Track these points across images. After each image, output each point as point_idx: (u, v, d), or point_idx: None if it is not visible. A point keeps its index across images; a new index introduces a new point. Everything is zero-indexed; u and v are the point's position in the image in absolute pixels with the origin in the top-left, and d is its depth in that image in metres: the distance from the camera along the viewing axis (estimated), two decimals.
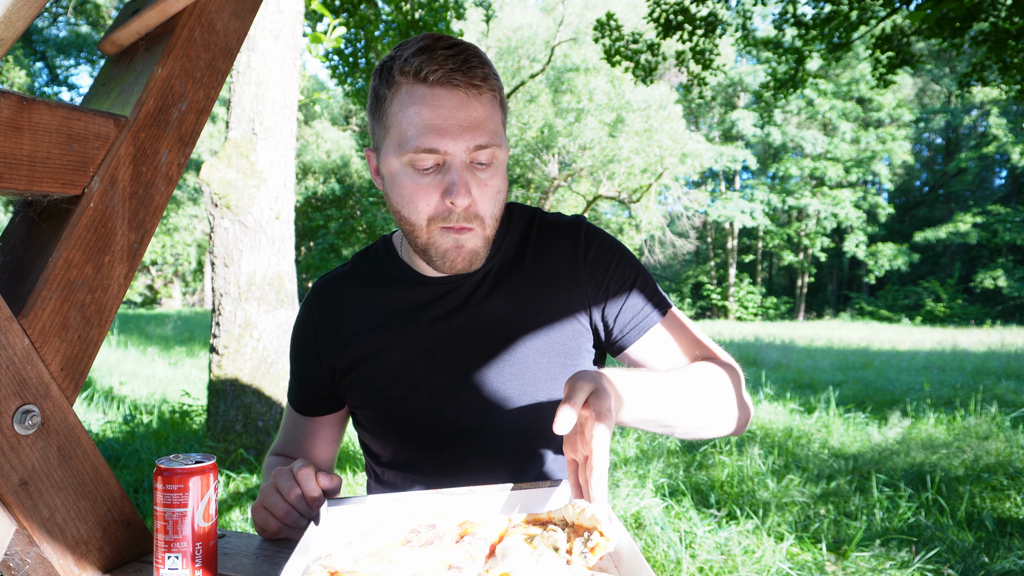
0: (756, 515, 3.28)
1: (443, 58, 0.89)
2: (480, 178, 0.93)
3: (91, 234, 0.82)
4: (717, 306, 36.93)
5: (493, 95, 0.94)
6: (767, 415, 5.91)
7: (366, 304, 1.10)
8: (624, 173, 27.73)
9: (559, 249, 1.08)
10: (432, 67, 0.89)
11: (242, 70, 4.12)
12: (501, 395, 1.04)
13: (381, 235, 1.22)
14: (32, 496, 0.77)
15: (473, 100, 0.91)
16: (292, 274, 4.22)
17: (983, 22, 6.88)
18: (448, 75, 0.89)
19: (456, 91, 0.90)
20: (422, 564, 0.70)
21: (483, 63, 0.92)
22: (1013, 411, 5.75)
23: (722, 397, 1.01)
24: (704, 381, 1.00)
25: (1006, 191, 36.65)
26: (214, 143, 25.66)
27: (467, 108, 0.90)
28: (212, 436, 4.06)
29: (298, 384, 1.17)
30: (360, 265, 1.15)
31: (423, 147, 0.89)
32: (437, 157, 0.91)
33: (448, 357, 1.05)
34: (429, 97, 0.90)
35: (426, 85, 0.90)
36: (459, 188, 0.90)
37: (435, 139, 0.89)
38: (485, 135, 0.91)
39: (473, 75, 0.90)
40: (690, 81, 9.07)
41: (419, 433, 1.07)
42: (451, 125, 0.89)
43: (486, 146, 0.91)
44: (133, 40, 0.94)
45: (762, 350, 12.62)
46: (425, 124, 0.89)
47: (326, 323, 1.12)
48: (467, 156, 0.91)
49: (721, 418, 1.01)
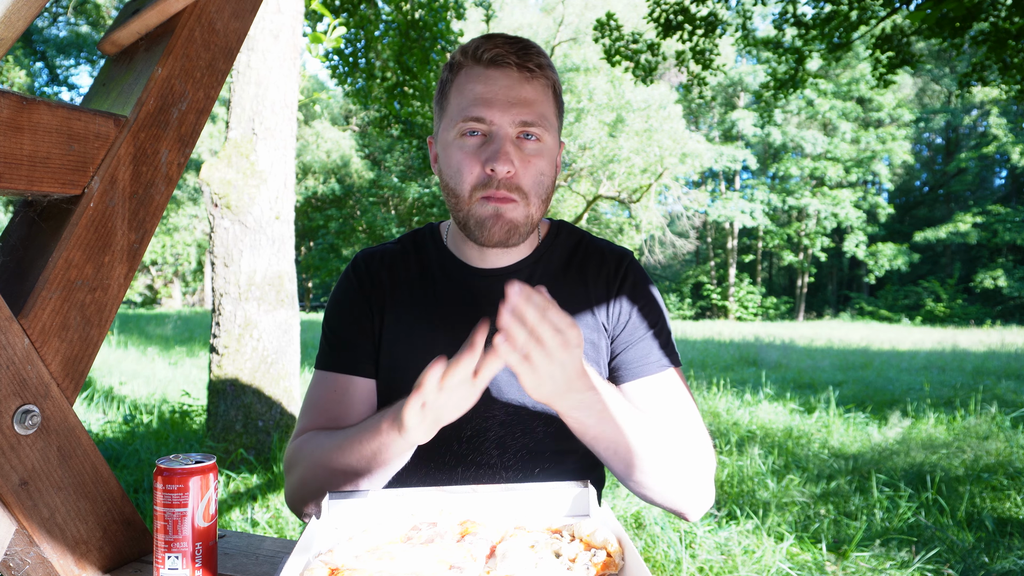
0: (756, 515, 3.28)
1: (501, 42, 0.98)
2: (525, 153, 0.98)
3: (91, 234, 0.82)
4: (717, 306, 36.94)
5: (547, 84, 1.00)
6: (767, 415, 5.90)
7: (406, 285, 1.12)
8: (624, 173, 27.73)
9: (601, 272, 1.12)
10: (489, 48, 0.97)
11: (242, 70, 4.12)
12: (523, 399, 1.07)
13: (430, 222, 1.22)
14: (32, 496, 0.77)
15: (524, 82, 0.97)
16: (292, 274, 4.22)
17: (983, 22, 6.88)
18: (503, 56, 0.96)
19: (508, 71, 0.97)
20: (423, 563, 0.70)
21: (540, 54, 1.00)
22: (1013, 411, 5.75)
23: (692, 470, 0.99)
24: (680, 444, 0.99)
25: (1006, 191, 36.66)
26: (214, 143, 25.67)
27: (517, 88, 0.97)
28: (212, 436, 4.06)
29: (340, 342, 1.11)
30: (407, 245, 1.17)
31: (471, 115, 0.96)
32: (484, 127, 0.97)
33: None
34: (483, 76, 0.97)
35: (482, 65, 0.98)
36: (500, 155, 0.94)
37: (483, 109, 0.95)
38: (532, 114, 0.96)
39: (527, 59, 0.97)
40: (690, 81, 9.06)
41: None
42: (500, 99, 0.96)
43: (532, 124, 0.97)
44: (133, 40, 0.94)
45: (762, 350, 12.62)
46: (476, 97, 0.96)
47: (376, 285, 1.13)
48: (513, 130, 0.97)
49: (683, 488, 0.99)
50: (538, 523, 0.82)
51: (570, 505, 0.86)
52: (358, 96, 7.60)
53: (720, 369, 9.81)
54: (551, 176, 1.02)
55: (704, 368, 9.85)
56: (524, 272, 1.11)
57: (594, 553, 0.72)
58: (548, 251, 1.13)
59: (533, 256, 1.12)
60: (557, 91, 1.03)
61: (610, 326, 1.10)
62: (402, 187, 28.85)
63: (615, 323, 1.10)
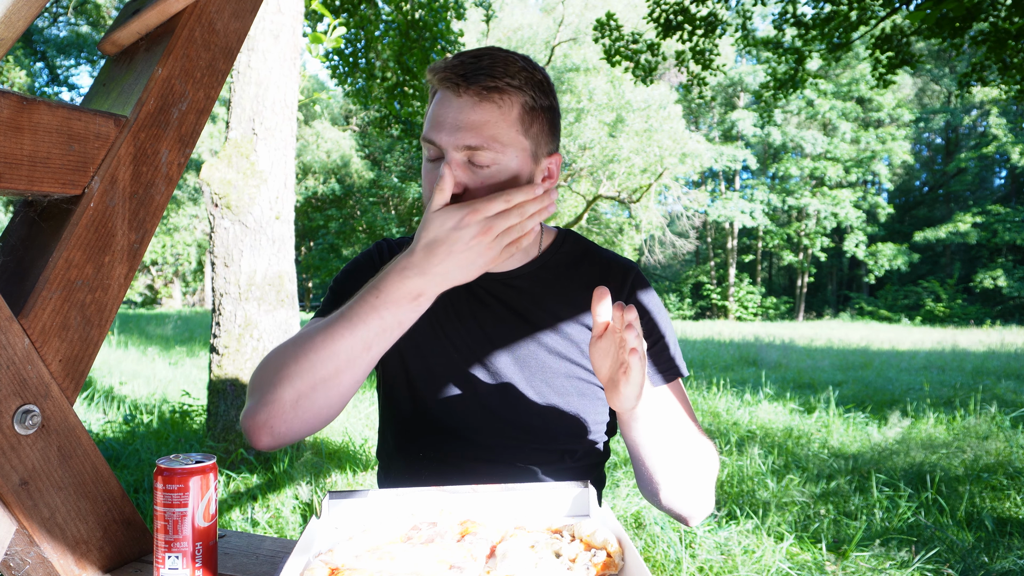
0: (756, 515, 3.28)
1: (457, 64, 0.97)
2: (478, 177, 0.98)
3: (91, 234, 0.82)
4: (717, 306, 36.94)
5: (500, 104, 0.97)
6: (767, 415, 5.90)
7: None
8: (624, 173, 27.73)
9: (607, 282, 1.12)
10: (442, 71, 0.98)
11: (242, 70, 4.12)
12: (524, 393, 1.09)
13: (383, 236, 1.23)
14: (32, 496, 0.77)
15: (474, 105, 0.97)
16: (292, 274, 4.22)
17: (983, 22, 6.88)
18: (452, 79, 0.97)
19: (457, 92, 0.97)
20: (423, 562, 0.70)
21: (502, 75, 0.96)
22: (1013, 411, 5.75)
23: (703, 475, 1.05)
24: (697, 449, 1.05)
25: (1006, 191, 36.66)
26: (214, 143, 25.67)
27: (467, 110, 0.97)
28: (212, 436, 4.06)
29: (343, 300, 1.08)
30: None
31: (426, 138, 1.00)
32: (436, 149, 0.99)
33: (479, 351, 1.10)
34: (440, 98, 1.00)
35: (443, 88, 1.00)
36: (441, 179, 0.93)
37: (434, 132, 0.98)
38: (478, 138, 0.96)
39: (475, 82, 0.96)
40: (690, 81, 9.06)
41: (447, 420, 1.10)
42: (447, 123, 0.97)
43: (478, 147, 0.96)
44: (133, 40, 0.94)
45: (762, 350, 12.62)
46: (431, 119, 1.00)
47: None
48: (459, 155, 0.97)
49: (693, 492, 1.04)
50: (538, 523, 0.82)
51: (570, 505, 0.86)
52: (358, 96, 7.59)
53: (720, 369, 9.81)
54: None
55: (704, 368, 9.86)
56: (527, 277, 1.12)
57: (594, 553, 0.72)
58: (552, 258, 1.15)
59: (537, 262, 1.14)
60: (529, 107, 0.99)
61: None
62: (402, 187, 28.85)
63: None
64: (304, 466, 4.00)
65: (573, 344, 1.10)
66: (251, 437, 0.94)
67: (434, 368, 1.10)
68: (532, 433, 1.09)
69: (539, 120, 1.02)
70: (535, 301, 1.12)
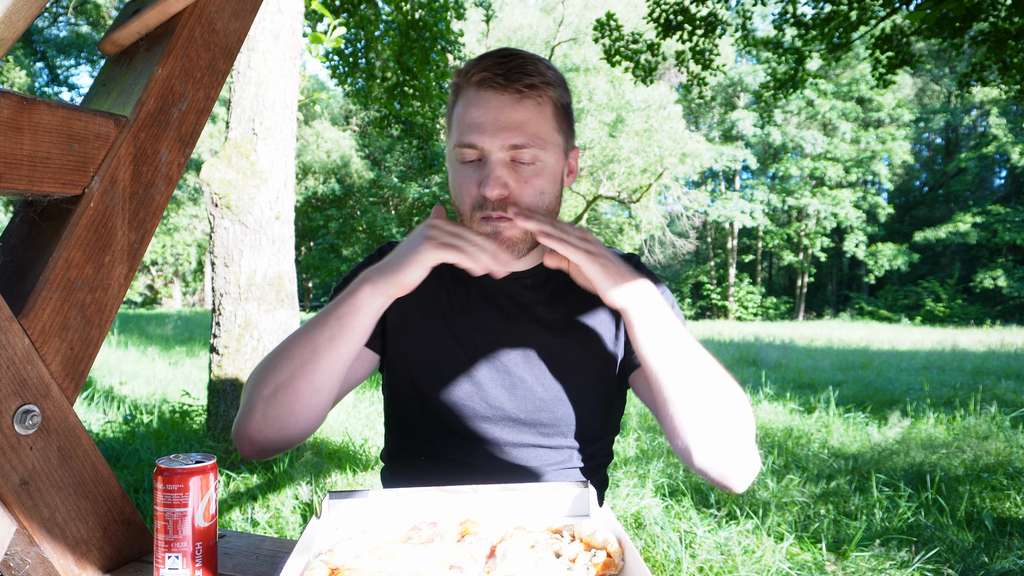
0: (756, 515, 3.28)
1: (492, 64, 0.99)
2: (521, 175, 1.00)
3: (91, 234, 0.82)
4: (717, 306, 36.94)
5: (542, 101, 1.01)
6: (767, 415, 5.90)
7: (427, 284, 1.12)
8: (624, 173, 27.73)
9: None
10: (477, 71, 0.99)
11: (242, 70, 4.12)
12: (534, 390, 1.09)
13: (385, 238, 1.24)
14: (32, 496, 0.77)
15: (515, 103, 0.98)
16: (292, 274, 4.22)
17: (983, 22, 6.88)
18: (491, 79, 0.98)
19: (496, 94, 0.98)
20: (423, 562, 0.70)
21: (535, 72, 0.99)
22: (1013, 411, 5.75)
23: (739, 422, 0.95)
24: (729, 386, 0.96)
25: (1006, 191, 36.66)
26: (214, 143, 25.66)
27: (508, 110, 0.98)
28: (212, 436, 4.06)
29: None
30: None
31: (465, 142, 0.99)
32: (477, 152, 0.99)
33: (490, 348, 1.10)
34: (476, 99, 0.99)
35: (474, 87, 1.00)
36: (490, 182, 0.97)
37: (475, 135, 0.98)
38: (522, 136, 0.97)
39: (517, 80, 0.98)
40: (690, 81, 9.06)
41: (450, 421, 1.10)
42: (489, 124, 0.97)
43: (523, 146, 0.98)
44: (133, 40, 0.94)
45: (762, 350, 12.61)
46: (470, 122, 0.99)
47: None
48: (504, 154, 0.98)
49: (732, 440, 0.93)
50: (538, 523, 0.82)
51: (570, 505, 0.86)
52: (358, 96, 7.59)
53: None
54: (553, 192, 1.04)
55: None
56: (541, 276, 1.14)
57: (594, 553, 0.72)
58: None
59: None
60: (559, 104, 1.03)
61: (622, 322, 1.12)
62: (402, 187, 28.85)
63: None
64: (304, 466, 4.00)
65: (580, 344, 1.10)
66: (237, 446, 0.99)
67: (439, 367, 1.10)
68: (538, 433, 1.09)
69: (567, 116, 1.06)
70: (543, 301, 1.12)
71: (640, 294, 0.94)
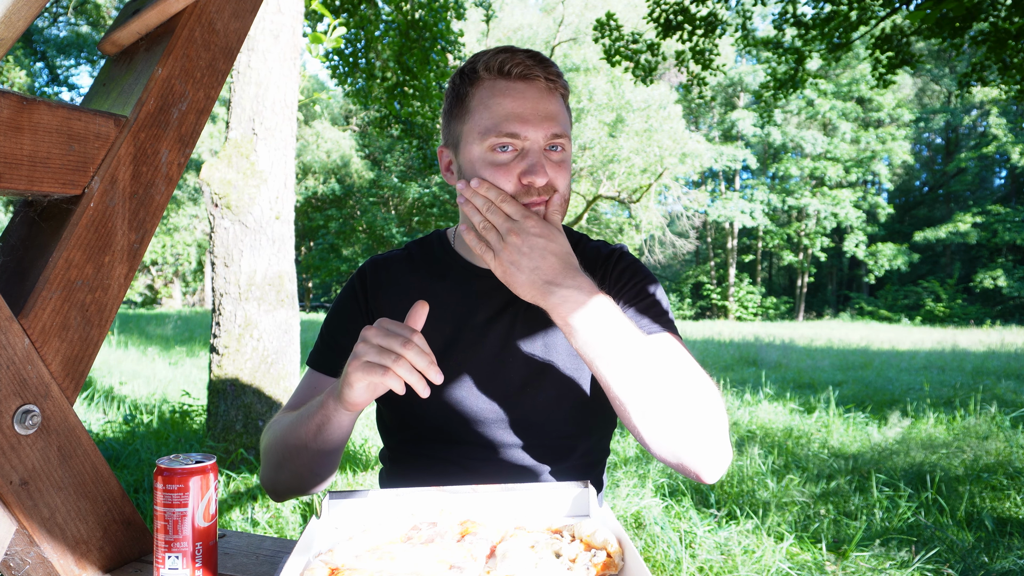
0: (756, 515, 3.28)
1: (524, 56, 1.01)
2: (554, 162, 1.02)
3: (91, 234, 0.82)
4: (717, 306, 36.94)
5: (562, 93, 1.06)
6: (767, 415, 5.90)
7: (416, 291, 1.14)
8: (624, 173, 27.73)
9: (596, 267, 1.14)
10: (515, 63, 1.00)
11: (242, 70, 4.12)
12: (531, 392, 1.09)
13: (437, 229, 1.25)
14: (32, 496, 0.77)
15: (549, 94, 1.02)
16: (292, 274, 4.22)
17: (983, 22, 6.88)
18: (529, 69, 1.00)
19: (536, 84, 1.01)
20: (423, 562, 0.70)
21: (555, 64, 1.05)
22: (1013, 411, 5.75)
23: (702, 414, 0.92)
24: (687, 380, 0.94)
25: (1006, 191, 36.66)
26: (214, 143, 25.66)
27: (545, 101, 1.01)
28: (212, 436, 4.06)
29: (332, 346, 1.16)
30: (415, 252, 1.20)
31: (505, 131, 0.98)
32: (518, 142, 0.99)
33: (488, 354, 1.10)
34: (511, 90, 1.00)
35: (509, 79, 1.01)
36: (538, 169, 0.98)
37: (518, 126, 0.98)
38: (559, 126, 1.01)
39: (550, 72, 1.02)
40: (690, 81, 9.06)
41: (446, 422, 1.10)
42: (532, 114, 0.99)
43: (560, 135, 1.01)
44: (133, 40, 0.94)
45: (762, 350, 12.61)
46: (508, 113, 0.99)
47: (377, 295, 1.15)
48: (544, 143, 1.00)
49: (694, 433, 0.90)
50: (538, 523, 0.82)
51: (570, 505, 0.86)
52: (358, 96, 7.59)
53: (720, 369, 9.81)
54: (570, 179, 1.07)
55: (704, 368, 9.84)
56: None
57: (594, 553, 0.72)
58: None
59: None
60: (567, 97, 1.09)
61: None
62: (402, 187, 28.85)
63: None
64: None
65: (567, 342, 1.10)
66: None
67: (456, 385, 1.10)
68: (532, 434, 1.09)
69: (571, 112, 1.11)
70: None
71: (557, 292, 0.90)
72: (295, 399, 1.16)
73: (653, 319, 1.05)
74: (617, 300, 1.08)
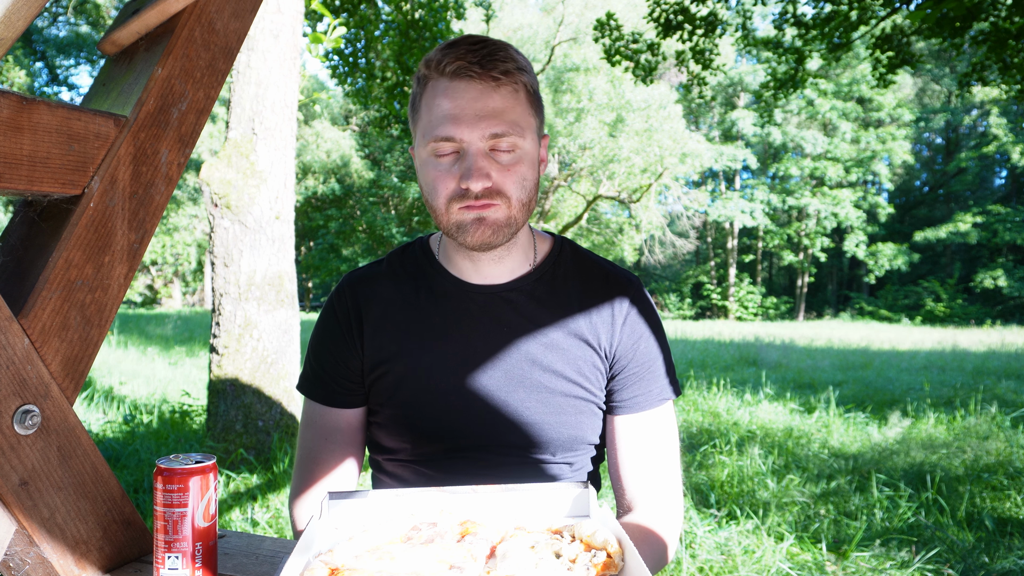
0: (756, 515, 3.28)
1: (463, 52, 0.94)
2: (502, 163, 0.96)
3: (91, 234, 0.82)
4: (717, 306, 36.93)
5: (515, 88, 0.97)
6: (767, 415, 5.90)
7: (399, 304, 1.10)
8: (624, 173, 27.72)
9: (606, 296, 1.10)
10: (450, 60, 0.94)
11: (242, 70, 4.12)
12: (520, 412, 1.06)
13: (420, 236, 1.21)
14: (32, 496, 0.77)
15: (491, 92, 0.94)
16: (292, 274, 4.22)
17: (983, 22, 6.88)
18: (465, 68, 0.94)
19: (472, 82, 0.94)
20: (423, 562, 0.70)
21: (508, 58, 0.96)
22: (1013, 411, 5.75)
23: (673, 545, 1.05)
24: (671, 536, 1.04)
25: (1006, 191, 36.65)
26: (214, 143, 25.66)
27: (484, 99, 0.94)
28: (212, 436, 4.06)
29: (323, 374, 1.13)
30: (395, 264, 1.15)
31: (441, 135, 0.94)
32: (454, 145, 0.95)
33: (475, 367, 1.06)
34: (449, 89, 0.95)
35: (446, 78, 0.95)
36: (473, 173, 0.93)
37: (452, 128, 0.94)
38: (501, 124, 0.94)
39: (491, 67, 0.94)
40: (690, 81, 9.06)
41: (435, 437, 1.08)
42: (467, 115, 0.93)
43: (503, 134, 0.95)
44: (133, 40, 0.94)
45: (762, 350, 12.61)
46: (444, 114, 0.94)
47: (359, 314, 1.11)
48: (484, 144, 0.95)
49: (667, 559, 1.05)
50: (538, 523, 0.82)
51: (570, 506, 0.86)
52: (358, 96, 7.59)
53: (720, 369, 9.81)
54: (533, 178, 1.01)
55: (704, 368, 9.85)
56: (522, 291, 1.09)
57: (594, 554, 0.72)
58: (551, 268, 1.11)
59: (534, 274, 1.10)
60: (530, 90, 1.00)
61: (611, 353, 1.09)
62: (402, 187, 28.84)
63: (619, 353, 1.09)
64: None
65: (568, 359, 1.07)
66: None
67: (425, 383, 1.07)
68: (525, 449, 1.07)
69: (539, 102, 1.03)
70: (529, 316, 1.08)
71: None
72: (304, 434, 1.16)
73: (663, 383, 1.10)
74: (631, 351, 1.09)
